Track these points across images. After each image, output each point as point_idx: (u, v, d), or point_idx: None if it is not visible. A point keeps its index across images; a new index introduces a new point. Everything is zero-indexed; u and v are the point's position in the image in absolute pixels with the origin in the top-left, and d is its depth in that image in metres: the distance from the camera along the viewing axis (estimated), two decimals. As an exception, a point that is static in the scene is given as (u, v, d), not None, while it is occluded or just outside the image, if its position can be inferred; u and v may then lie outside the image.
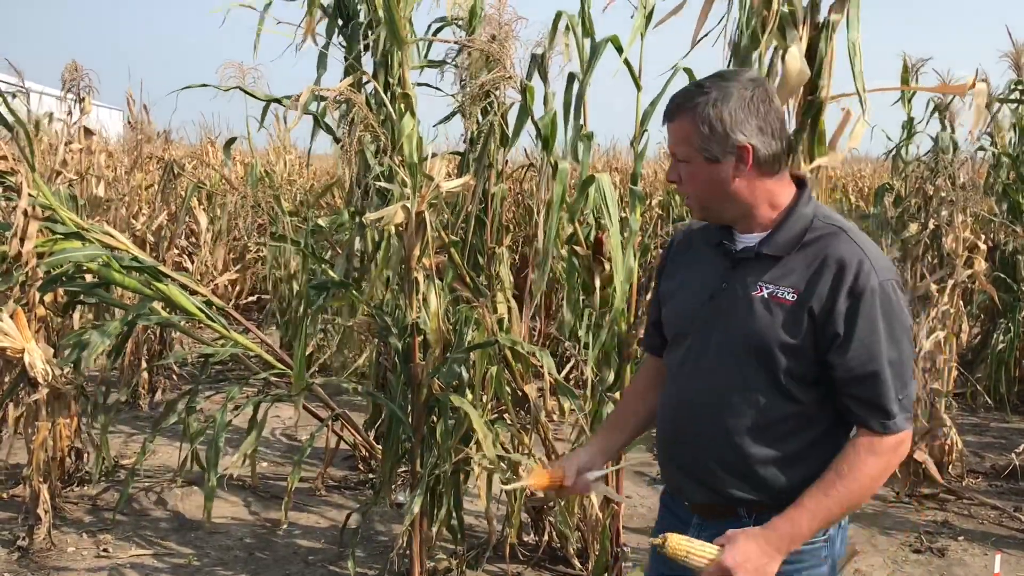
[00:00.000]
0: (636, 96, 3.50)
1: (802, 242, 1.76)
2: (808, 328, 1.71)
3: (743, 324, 1.76)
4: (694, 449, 1.83)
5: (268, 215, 6.42)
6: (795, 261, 1.75)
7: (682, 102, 1.78)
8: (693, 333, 1.86)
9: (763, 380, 1.75)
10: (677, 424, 1.90)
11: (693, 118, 1.75)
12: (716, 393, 1.80)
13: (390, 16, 3.21)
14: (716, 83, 1.76)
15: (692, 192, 1.82)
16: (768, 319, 1.73)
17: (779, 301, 1.73)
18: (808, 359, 1.72)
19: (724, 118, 1.73)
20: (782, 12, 3.13)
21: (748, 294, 1.76)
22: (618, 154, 12.39)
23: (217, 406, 3.84)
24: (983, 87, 3.31)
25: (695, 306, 1.86)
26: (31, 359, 3.74)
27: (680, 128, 1.78)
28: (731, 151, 1.75)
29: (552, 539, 3.89)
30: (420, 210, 3.05)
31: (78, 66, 5.49)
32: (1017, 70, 6.46)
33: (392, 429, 3.56)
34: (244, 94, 4.16)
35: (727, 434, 1.79)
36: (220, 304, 4.19)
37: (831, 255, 1.72)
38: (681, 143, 1.79)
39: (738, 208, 1.80)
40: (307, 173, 10.66)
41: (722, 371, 1.79)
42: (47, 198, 3.94)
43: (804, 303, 1.71)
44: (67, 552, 3.97)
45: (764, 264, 1.77)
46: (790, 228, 1.77)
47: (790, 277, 1.74)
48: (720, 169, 1.76)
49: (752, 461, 1.77)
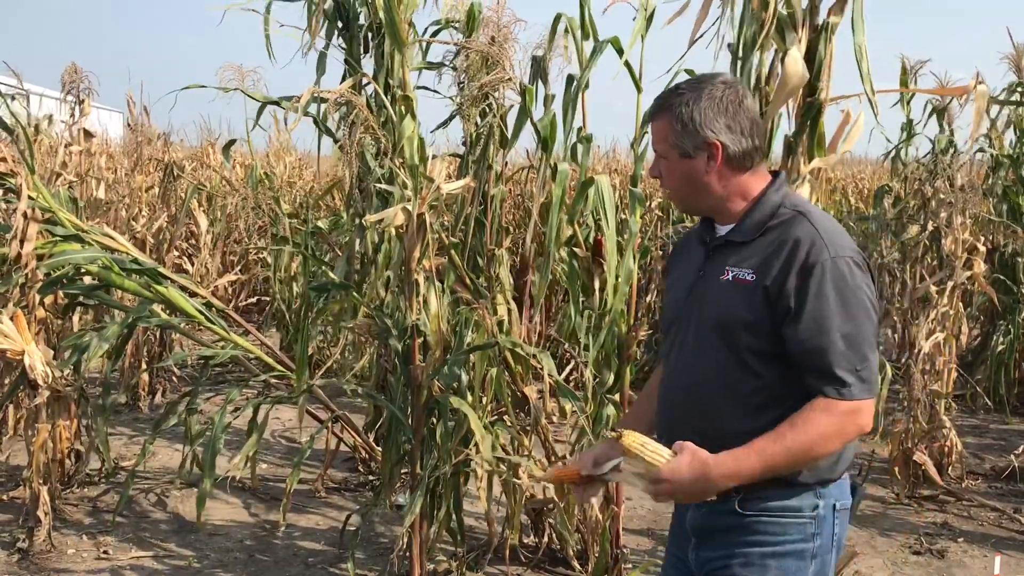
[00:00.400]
0: (636, 98, 3.51)
1: (766, 227, 1.87)
2: (763, 304, 1.80)
3: (711, 307, 1.89)
4: (680, 434, 1.88)
5: (268, 217, 6.44)
6: (758, 245, 1.86)
7: (661, 103, 1.93)
8: (678, 324, 1.98)
9: (729, 358, 1.85)
10: (667, 411, 2.01)
11: (669, 117, 1.90)
12: (695, 377, 1.92)
13: (390, 18, 3.22)
14: (691, 85, 1.92)
15: (670, 186, 1.97)
16: (730, 299, 1.85)
17: (740, 282, 1.84)
18: (765, 335, 1.81)
19: (695, 117, 1.87)
20: (781, 14, 3.14)
21: (717, 279, 1.89)
22: (617, 156, 12.39)
23: (217, 408, 3.84)
24: (983, 89, 3.32)
25: (680, 299, 2.00)
26: (31, 361, 3.74)
27: (659, 127, 1.92)
28: (701, 147, 1.88)
29: (552, 541, 3.90)
30: (421, 212, 3.05)
31: (78, 68, 5.49)
32: (1018, 72, 6.47)
33: (392, 431, 3.56)
34: (244, 96, 4.17)
35: (704, 415, 1.89)
36: (220, 306, 4.20)
37: (788, 236, 1.82)
38: (660, 140, 1.93)
39: (711, 200, 1.93)
40: (307, 175, 10.67)
41: (698, 355, 1.91)
42: (47, 200, 3.94)
43: (760, 282, 1.81)
44: (67, 554, 3.97)
45: (732, 250, 1.90)
46: (755, 214, 1.89)
47: (751, 260, 1.85)
48: (693, 164, 1.90)
49: (728, 439, 1.80)
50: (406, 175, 3.13)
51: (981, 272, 5.31)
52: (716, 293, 1.88)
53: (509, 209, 7.32)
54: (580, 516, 3.69)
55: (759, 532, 1.87)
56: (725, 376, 1.86)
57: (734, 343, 1.84)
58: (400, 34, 3.26)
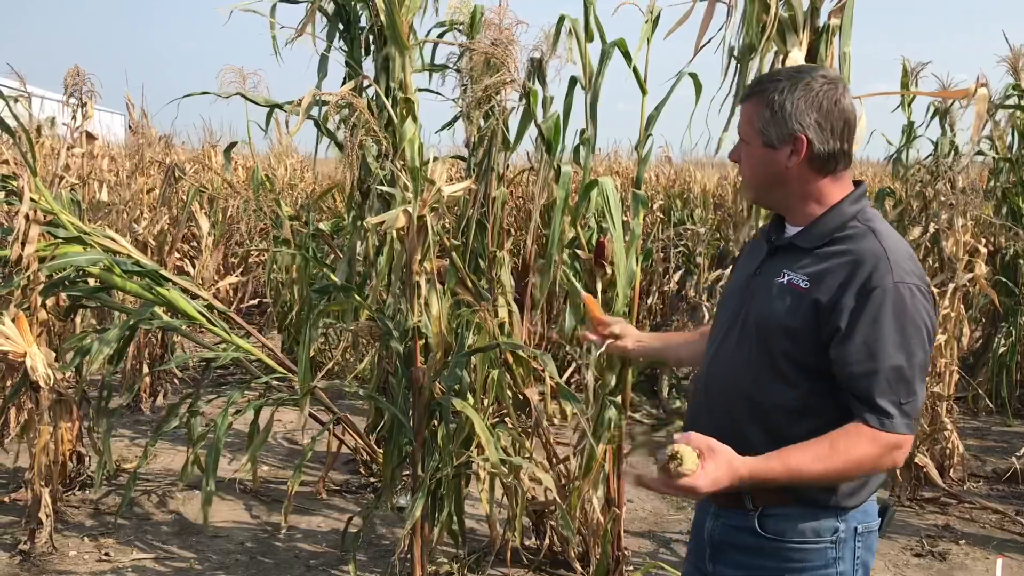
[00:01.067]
0: (641, 101, 3.51)
1: (833, 237, 1.79)
2: (811, 316, 1.73)
3: (758, 306, 1.83)
4: (712, 428, 1.81)
5: (270, 219, 6.44)
6: (820, 254, 1.78)
7: (755, 86, 1.86)
8: (726, 316, 1.93)
9: (764, 361, 1.79)
10: (702, 402, 1.94)
11: (760, 102, 1.81)
12: (731, 373, 1.86)
13: (391, 20, 3.22)
14: (790, 74, 1.83)
15: (746, 172, 1.89)
16: (778, 303, 1.78)
17: (793, 287, 1.78)
18: (807, 346, 1.75)
19: (786, 106, 1.78)
20: (782, 17, 3.14)
21: (772, 280, 1.82)
22: (619, 158, 12.39)
23: (218, 410, 3.85)
24: (984, 92, 3.32)
25: (733, 292, 1.96)
26: (33, 363, 3.74)
27: (748, 110, 1.84)
28: (787, 139, 1.79)
29: (553, 543, 3.89)
30: (422, 214, 3.05)
31: (80, 70, 5.49)
32: (1015, 74, 6.46)
33: (393, 433, 3.56)
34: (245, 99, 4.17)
35: (732, 417, 1.83)
36: (221, 308, 4.20)
37: (852, 251, 1.74)
38: (745, 124, 1.85)
39: (785, 196, 1.85)
40: (308, 177, 10.68)
41: (736, 351, 1.86)
42: (49, 202, 3.95)
43: (814, 293, 1.74)
44: (68, 556, 3.97)
45: (794, 253, 1.83)
46: (826, 223, 1.81)
47: (809, 268, 1.77)
48: (774, 155, 1.81)
49: (753, 446, 1.75)
50: (407, 177, 3.14)
51: (982, 274, 5.31)
52: (767, 294, 1.82)
53: (510, 211, 7.32)
54: (582, 518, 3.69)
55: (778, 557, 1.81)
56: (758, 379, 1.80)
57: (772, 347, 1.78)
58: (401, 36, 3.26)
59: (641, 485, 1.77)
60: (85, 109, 5.55)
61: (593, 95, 3.53)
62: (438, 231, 3.26)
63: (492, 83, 3.33)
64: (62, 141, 5.64)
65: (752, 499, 1.82)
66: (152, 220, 6.74)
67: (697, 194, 9.51)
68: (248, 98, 4.22)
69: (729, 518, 1.84)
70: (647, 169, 4.20)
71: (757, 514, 1.81)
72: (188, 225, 7.58)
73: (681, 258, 7.87)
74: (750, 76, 3.26)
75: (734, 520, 1.84)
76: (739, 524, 1.83)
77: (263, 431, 3.82)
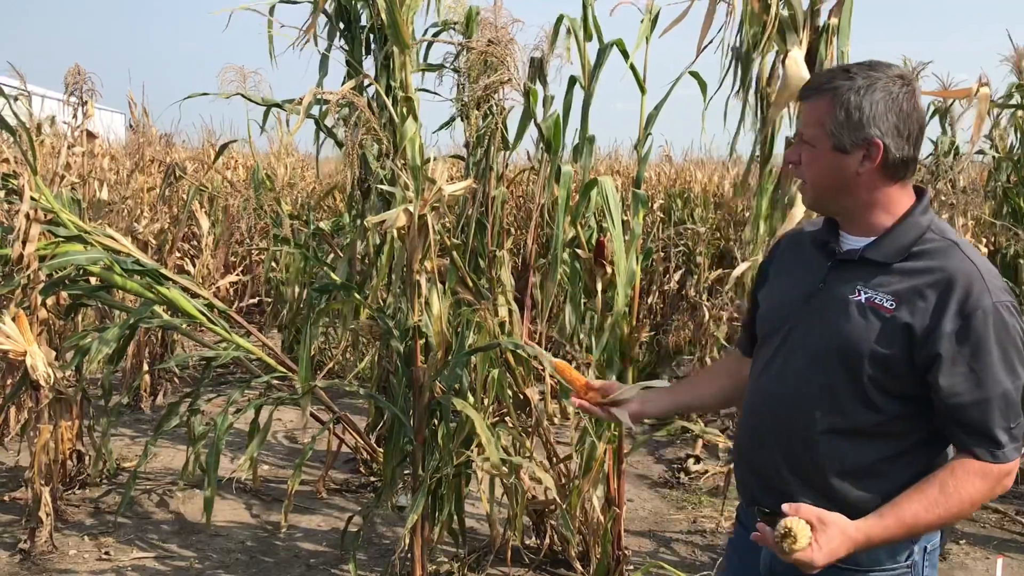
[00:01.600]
0: (641, 100, 3.51)
1: (910, 252, 1.66)
2: (903, 341, 1.61)
3: (834, 326, 1.68)
4: (771, 452, 1.75)
5: (270, 218, 6.44)
6: (900, 270, 1.66)
7: (824, 83, 1.69)
8: (784, 333, 1.78)
9: (847, 386, 1.66)
10: (756, 425, 1.81)
11: (831, 101, 1.66)
12: (798, 395, 1.72)
13: (393, 19, 3.22)
14: (864, 71, 1.67)
15: (809, 177, 1.73)
16: (862, 325, 1.65)
17: (876, 308, 1.64)
18: (898, 372, 1.63)
19: (863, 108, 1.64)
20: (782, 16, 3.14)
21: (845, 296, 1.68)
22: (619, 157, 12.39)
23: (219, 409, 3.85)
24: (986, 92, 3.31)
25: (790, 305, 1.79)
26: (33, 362, 3.74)
27: (815, 109, 1.69)
28: (860, 144, 1.65)
29: (554, 542, 3.90)
30: (422, 213, 3.05)
31: (80, 69, 5.49)
32: (1018, 73, 6.46)
33: (394, 432, 3.56)
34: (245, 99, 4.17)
35: (804, 439, 1.70)
36: (222, 307, 4.20)
37: (940, 269, 1.62)
38: (812, 124, 1.69)
39: (851, 205, 1.71)
40: (308, 176, 10.68)
41: (807, 373, 1.71)
42: (49, 201, 3.95)
43: (904, 315, 1.62)
44: (68, 555, 3.97)
45: (867, 269, 1.69)
46: (901, 236, 1.68)
47: (892, 285, 1.65)
48: (844, 161, 1.67)
49: (826, 470, 1.68)
50: (408, 176, 3.14)
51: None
52: (843, 313, 1.67)
53: (510, 211, 7.32)
54: (582, 518, 3.69)
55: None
56: (836, 403, 1.67)
57: (856, 373, 1.64)
58: (402, 35, 3.26)
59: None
60: (85, 108, 5.55)
61: (587, 95, 3.53)
62: (438, 230, 3.26)
63: (491, 82, 3.32)
64: (63, 140, 5.64)
65: None
66: (152, 219, 6.74)
67: (697, 193, 9.50)
68: (248, 98, 4.23)
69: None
70: (647, 168, 4.21)
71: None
72: (188, 224, 7.58)
73: (681, 257, 7.87)
74: (752, 75, 3.27)
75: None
76: None
77: (263, 430, 3.82)
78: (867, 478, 1.68)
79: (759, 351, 1.86)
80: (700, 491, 4.98)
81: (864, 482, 1.68)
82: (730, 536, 1.99)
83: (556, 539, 3.89)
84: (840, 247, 1.75)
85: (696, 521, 4.55)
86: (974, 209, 5.51)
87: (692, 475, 5.19)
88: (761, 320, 1.88)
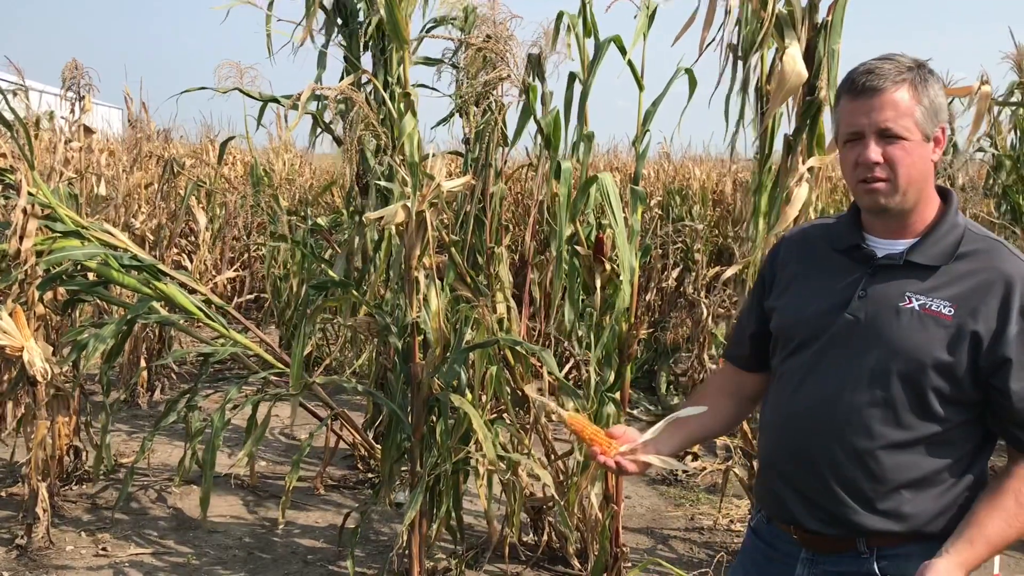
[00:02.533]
0: (639, 96, 3.50)
1: (959, 253, 1.63)
2: (967, 347, 1.58)
3: (889, 337, 1.62)
4: (816, 468, 1.67)
5: (267, 214, 6.45)
6: (950, 273, 1.62)
7: (897, 75, 1.60)
8: (820, 342, 1.69)
9: (907, 397, 1.61)
10: (795, 440, 1.72)
11: (916, 90, 1.60)
12: (848, 408, 1.64)
13: (391, 15, 3.21)
14: (911, 63, 1.62)
15: (903, 172, 1.61)
16: (922, 334, 1.59)
17: (934, 315, 1.59)
18: (962, 379, 1.59)
19: (933, 96, 1.61)
20: (780, 13, 3.14)
21: (895, 304, 1.63)
22: (618, 154, 12.39)
23: (216, 405, 3.84)
24: (987, 90, 3.31)
25: (824, 316, 1.69)
26: (30, 357, 3.73)
27: (902, 100, 1.60)
28: (931, 136, 1.63)
29: (552, 539, 3.89)
30: (420, 209, 3.05)
31: (78, 64, 5.47)
32: (1019, 71, 6.46)
33: (392, 428, 3.56)
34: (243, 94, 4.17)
35: (857, 453, 1.64)
36: (219, 303, 4.19)
37: (995, 270, 1.59)
38: (903, 116, 1.60)
39: (919, 201, 1.65)
40: (307, 172, 10.67)
41: (858, 385, 1.64)
42: (46, 196, 3.94)
43: (965, 321, 1.58)
44: (66, 551, 3.96)
45: (913, 274, 1.63)
46: (943, 237, 1.64)
47: (946, 290, 1.60)
48: (929, 151, 1.63)
49: (882, 484, 1.63)
50: (406, 172, 3.13)
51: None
52: (896, 323, 1.61)
53: (508, 207, 7.32)
54: (580, 514, 3.69)
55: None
56: (895, 416, 1.62)
57: (920, 383, 1.59)
58: (401, 31, 3.25)
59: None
60: (83, 103, 5.53)
61: (584, 91, 3.52)
62: (437, 226, 3.25)
63: (490, 78, 3.32)
64: (60, 135, 5.62)
65: (867, 540, 1.67)
66: (150, 214, 6.73)
67: (696, 190, 9.50)
68: (246, 93, 4.21)
69: (836, 563, 1.68)
70: (646, 165, 4.21)
71: (872, 556, 1.66)
72: (186, 220, 7.57)
73: (679, 255, 7.86)
74: (752, 73, 3.27)
75: (844, 566, 1.68)
76: (852, 570, 1.68)
77: (260, 426, 3.81)
78: (925, 488, 1.65)
79: (785, 363, 1.77)
80: (698, 488, 4.98)
81: (921, 493, 1.64)
82: (744, 546, 1.93)
83: (554, 536, 3.89)
84: (878, 251, 1.68)
85: (694, 518, 4.55)
86: (973, 207, 5.51)
87: (690, 472, 5.19)
88: (784, 331, 1.78)
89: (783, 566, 1.75)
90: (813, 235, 1.83)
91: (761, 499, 1.85)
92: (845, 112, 1.65)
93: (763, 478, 1.83)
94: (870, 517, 1.64)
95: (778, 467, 1.77)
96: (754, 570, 1.86)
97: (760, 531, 1.85)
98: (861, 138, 1.63)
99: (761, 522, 1.85)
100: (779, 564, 1.75)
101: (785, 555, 1.76)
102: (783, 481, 1.75)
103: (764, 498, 1.83)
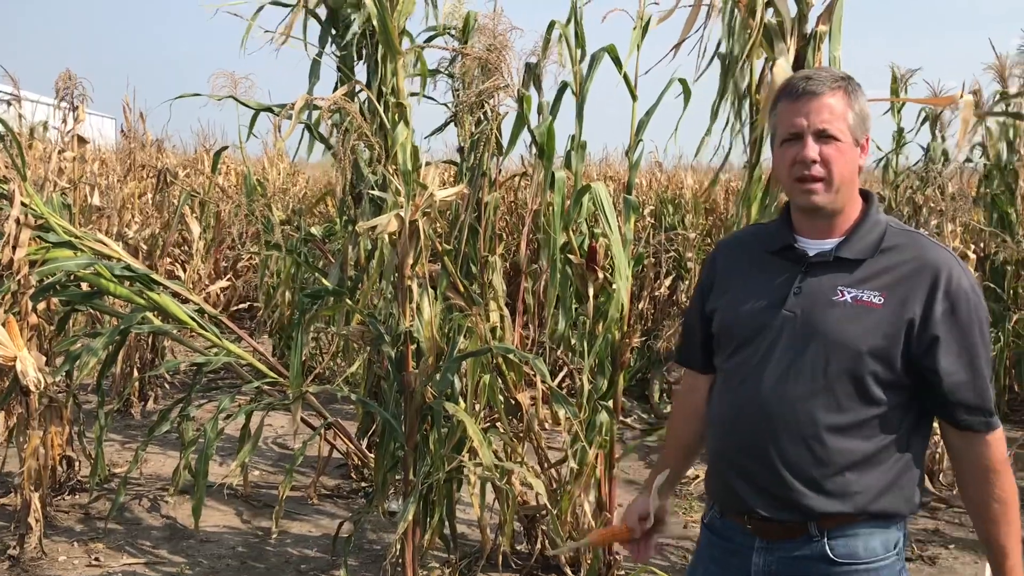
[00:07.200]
0: (632, 106, 3.52)
1: (881, 247, 1.75)
2: (899, 332, 1.69)
3: (825, 329, 1.72)
4: (766, 457, 1.75)
5: (261, 223, 6.45)
6: (875, 266, 1.74)
7: (832, 82, 1.76)
8: (762, 339, 1.79)
9: (847, 384, 1.70)
10: (744, 432, 1.80)
11: (848, 98, 1.75)
12: (792, 397, 1.73)
13: (384, 25, 3.23)
14: (844, 73, 1.81)
15: (836, 172, 1.74)
16: (855, 324, 1.70)
17: (865, 305, 1.71)
18: (896, 363, 1.69)
19: (863, 106, 1.77)
20: (769, 23, 3.16)
21: (828, 298, 1.73)
22: (611, 163, 12.41)
23: (209, 415, 3.84)
24: (969, 99, 3.34)
25: (764, 312, 1.79)
26: (23, 367, 3.73)
27: (837, 104, 1.74)
28: (861, 141, 1.77)
29: (545, 548, 3.89)
30: (414, 218, 3.06)
31: (71, 74, 5.48)
32: (1002, 82, 6.50)
33: (385, 437, 3.56)
34: (238, 103, 4.16)
35: (803, 439, 1.72)
36: (212, 312, 4.19)
37: (920, 259, 1.72)
38: (838, 119, 1.74)
39: (848, 202, 1.79)
40: (300, 181, 10.68)
41: (800, 375, 1.73)
42: (39, 206, 3.94)
43: (896, 308, 1.69)
44: (58, 561, 3.95)
45: (843, 269, 1.75)
46: (867, 233, 1.77)
47: (875, 281, 1.72)
48: (857, 155, 1.78)
49: (828, 467, 1.71)
50: (399, 182, 3.14)
51: (972, 280, 5.32)
52: (832, 315, 1.72)
53: (502, 216, 7.33)
54: (572, 523, 3.69)
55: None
56: (836, 401, 1.71)
57: (857, 369, 1.69)
58: (393, 41, 3.27)
59: None
60: (77, 113, 5.54)
61: (579, 102, 3.54)
62: (430, 235, 3.26)
63: (486, 88, 3.33)
64: (53, 145, 5.63)
65: (818, 523, 1.74)
66: (143, 224, 6.72)
67: (688, 199, 9.52)
68: (241, 102, 4.21)
69: (789, 549, 1.75)
70: (638, 174, 4.22)
71: (823, 538, 1.73)
72: (179, 229, 7.57)
73: (672, 263, 7.89)
74: (743, 82, 3.28)
75: (797, 550, 1.75)
76: (805, 553, 1.75)
77: (253, 436, 3.81)
78: (869, 469, 1.73)
79: (729, 360, 1.86)
80: (691, 496, 4.99)
81: (866, 473, 1.73)
82: (700, 543, 1.98)
83: (547, 544, 3.89)
84: (806, 251, 1.80)
85: (687, 526, 4.56)
86: (963, 215, 5.54)
87: (683, 480, 5.19)
88: (726, 330, 1.87)
89: (741, 558, 1.82)
90: (747, 239, 1.96)
91: (714, 493, 1.92)
92: (784, 114, 1.78)
93: (714, 472, 1.91)
94: (819, 499, 1.72)
95: (728, 459, 1.84)
96: (713, 566, 1.91)
97: (714, 526, 1.92)
98: (800, 138, 1.75)
99: (715, 517, 1.92)
100: (737, 557, 1.82)
101: (741, 546, 1.83)
102: (734, 472, 1.82)
103: (717, 492, 1.90)
